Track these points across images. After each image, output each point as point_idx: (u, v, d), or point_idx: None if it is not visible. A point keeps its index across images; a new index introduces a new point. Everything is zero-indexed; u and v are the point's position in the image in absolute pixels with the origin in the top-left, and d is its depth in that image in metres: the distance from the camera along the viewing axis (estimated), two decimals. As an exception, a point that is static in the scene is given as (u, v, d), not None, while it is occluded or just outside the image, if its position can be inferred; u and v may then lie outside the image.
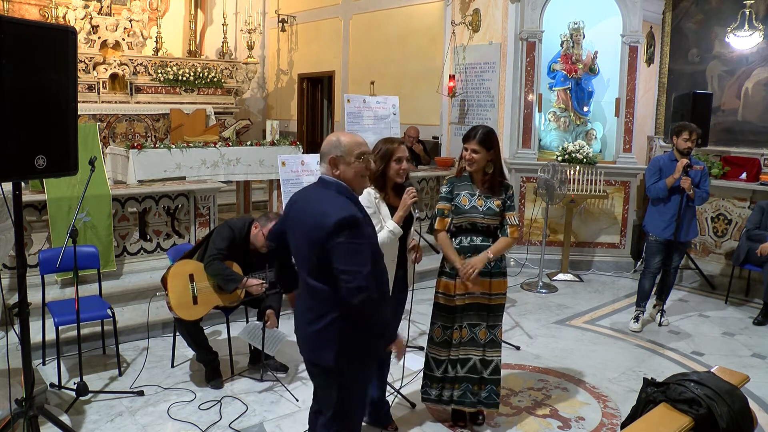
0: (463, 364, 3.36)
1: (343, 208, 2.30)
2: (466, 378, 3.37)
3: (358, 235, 2.27)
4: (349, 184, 2.43)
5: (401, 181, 3.19)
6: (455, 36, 7.80)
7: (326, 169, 2.43)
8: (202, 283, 3.88)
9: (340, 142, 2.41)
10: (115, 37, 9.99)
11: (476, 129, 3.27)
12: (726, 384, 2.39)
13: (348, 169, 2.40)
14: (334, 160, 2.40)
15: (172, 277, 3.83)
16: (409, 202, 3.10)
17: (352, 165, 2.40)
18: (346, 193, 2.40)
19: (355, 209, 2.34)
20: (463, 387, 3.38)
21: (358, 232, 2.28)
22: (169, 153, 6.53)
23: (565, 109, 7.31)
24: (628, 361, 4.58)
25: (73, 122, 2.73)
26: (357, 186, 2.47)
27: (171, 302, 3.80)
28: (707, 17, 7.40)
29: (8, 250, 3.52)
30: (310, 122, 11.51)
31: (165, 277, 3.87)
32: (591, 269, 7.08)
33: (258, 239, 3.96)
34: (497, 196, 3.29)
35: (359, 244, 2.27)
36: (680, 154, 4.95)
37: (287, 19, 11.50)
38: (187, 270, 3.89)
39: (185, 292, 3.84)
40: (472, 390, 3.38)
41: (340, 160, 2.40)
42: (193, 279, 3.87)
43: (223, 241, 3.90)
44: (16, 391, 3.12)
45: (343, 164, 2.40)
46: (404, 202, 3.12)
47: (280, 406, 3.71)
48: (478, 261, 3.23)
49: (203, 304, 3.88)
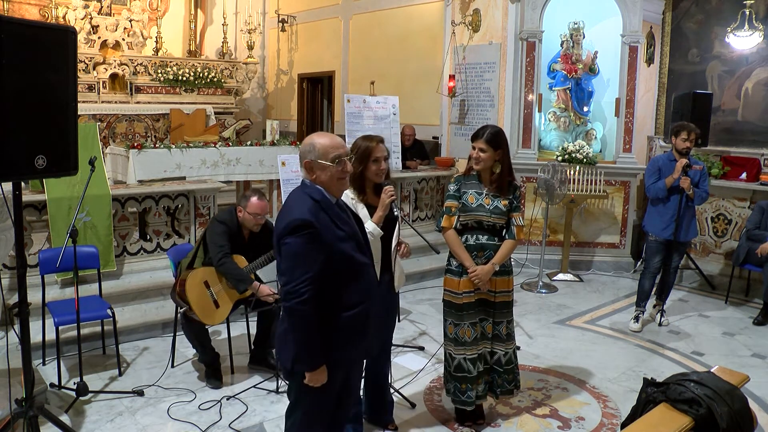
0: (482, 361, 3.40)
1: (302, 211, 2.24)
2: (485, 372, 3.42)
3: (309, 240, 2.22)
4: (326, 188, 2.36)
5: (380, 182, 3.13)
6: (455, 36, 7.80)
7: (304, 173, 2.38)
8: (216, 287, 3.94)
9: (314, 146, 2.34)
10: (115, 37, 9.99)
11: (485, 128, 3.29)
12: (726, 384, 2.39)
13: (323, 173, 2.34)
14: (309, 164, 2.34)
15: (190, 291, 3.85)
16: (388, 201, 3.06)
17: (327, 169, 2.33)
18: (318, 197, 2.32)
19: (314, 213, 2.26)
20: (483, 382, 3.42)
21: (309, 237, 2.22)
22: (169, 153, 6.53)
23: (565, 109, 7.31)
24: (628, 361, 4.58)
25: (73, 122, 2.73)
26: (334, 190, 2.39)
27: (197, 314, 3.84)
28: (707, 17, 7.40)
29: (8, 250, 3.52)
30: (310, 122, 11.50)
31: (182, 294, 3.88)
32: (591, 269, 7.08)
33: (247, 220, 3.99)
34: (505, 196, 3.31)
35: (306, 248, 2.22)
36: (679, 154, 4.95)
37: (287, 19, 11.50)
38: (199, 279, 3.91)
39: (206, 300, 3.89)
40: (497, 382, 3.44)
41: (315, 164, 2.34)
42: (209, 285, 3.91)
43: (221, 237, 3.92)
44: (16, 391, 3.12)
45: (318, 168, 2.34)
46: (382, 201, 3.07)
47: (280, 406, 3.71)
48: (485, 274, 3.26)
49: (224, 305, 3.96)
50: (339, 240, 2.32)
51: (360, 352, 2.51)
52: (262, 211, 3.97)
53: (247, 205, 3.94)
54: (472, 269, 3.27)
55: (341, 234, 2.33)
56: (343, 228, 2.35)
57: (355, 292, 2.37)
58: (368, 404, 3.47)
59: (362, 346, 2.47)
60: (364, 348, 2.50)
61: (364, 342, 2.46)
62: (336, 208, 2.39)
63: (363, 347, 2.48)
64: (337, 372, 2.40)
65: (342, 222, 2.37)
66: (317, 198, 2.32)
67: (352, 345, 2.41)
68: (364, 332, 2.43)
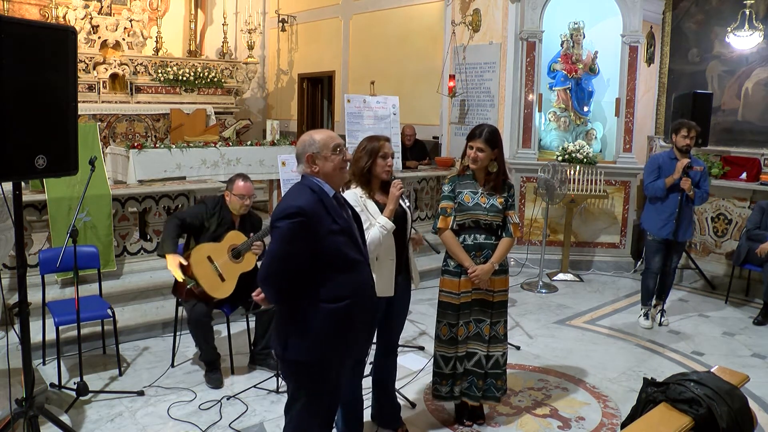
0: (469, 359, 3.40)
1: (299, 200, 2.32)
2: (472, 372, 3.40)
3: (300, 227, 2.28)
4: (329, 178, 2.44)
5: (387, 178, 3.12)
6: (455, 36, 7.80)
7: (303, 168, 2.45)
8: (220, 260, 4.00)
9: (314, 140, 2.44)
10: (115, 37, 9.99)
11: (482, 127, 3.28)
12: (726, 384, 2.39)
13: (326, 164, 2.42)
14: (311, 157, 2.42)
15: (196, 266, 3.91)
16: (398, 194, 3.03)
17: (329, 159, 2.42)
18: (316, 188, 2.39)
19: (311, 203, 2.32)
20: (469, 380, 3.42)
21: (300, 224, 2.28)
22: (169, 153, 6.54)
23: (565, 109, 7.31)
24: (628, 361, 4.58)
25: (73, 122, 2.73)
26: (336, 179, 2.48)
27: (205, 288, 3.90)
28: (707, 17, 7.40)
29: (8, 250, 3.52)
30: (310, 122, 11.50)
31: (187, 270, 3.91)
32: (591, 269, 7.08)
33: (234, 203, 4.09)
34: (500, 194, 3.32)
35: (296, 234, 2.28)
36: (680, 151, 4.93)
37: (287, 19, 11.50)
38: (203, 253, 3.97)
39: (212, 274, 3.96)
40: (477, 384, 3.41)
41: (317, 156, 2.42)
42: (212, 260, 3.98)
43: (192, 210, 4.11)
44: (16, 391, 3.12)
45: (321, 159, 2.42)
46: (392, 194, 3.04)
47: (280, 406, 3.70)
48: (485, 273, 3.26)
49: (230, 279, 4.02)
50: (331, 233, 2.36)
51: (347, 350, 2.49)
52: (248, 192, 4.09)
53: (233, 187, 4.07)
54: (472, 269, 3.27)
55: (335, 227, 2.37)
56: (337, 221, 2.39)
57: (343, 287, 2.38)
58: (377, 407, 3.46)
59: (347, 343, 2.46)
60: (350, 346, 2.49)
61: (348, 339, 2.45)
62: (333, 201, 2.43)
63: (348, 345, 2.47)
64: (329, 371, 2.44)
65: (338, 216, 2.41)
66: (315, 189, 2.39)
67: (337, 340, 2.40)
68: (349, 329, 2.42)
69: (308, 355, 2.39)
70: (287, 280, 2.32)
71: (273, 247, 2.33)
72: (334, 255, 2.38)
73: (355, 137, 6.26)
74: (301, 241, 2.30)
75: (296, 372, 2.45)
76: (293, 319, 2.39)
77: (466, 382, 3.42)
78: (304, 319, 2.37)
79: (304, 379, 2.44)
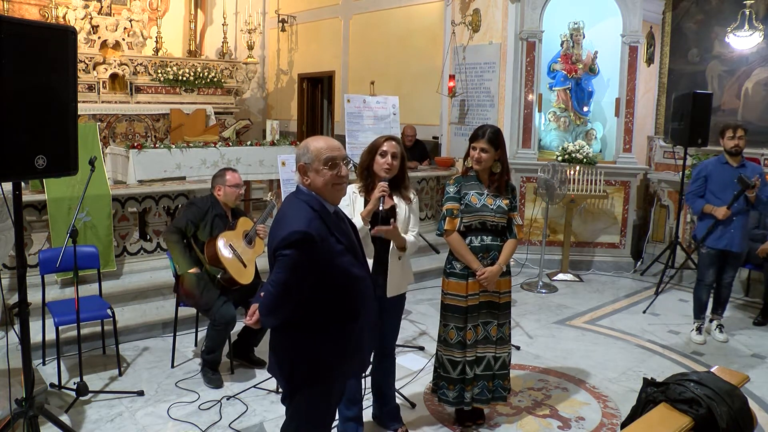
0: (479, 363, 3.37)
1: (301, 222, 2.14)
2: (483, 376, 3.39)
3: (308, 254, 2.13)
4: (320, 193, 2.24)
5: (386, 176, 3.08)
6: (455, 36, 7.80)
7: (298, 177, 2.28)
8: (239, 247, 4.06)
9: (308, 148, 2.23)
10: (115, 37, 9.98)
11: (484, 128, 3.28)
12: (726, 384, 2.39)
13: (317, 178, 2.22)
14: (303, 167, 2.24)
15: (222, 254, 3.95)
16: (377, 195, 2.98)
17: (320, 173, 2.21)
18: (317, 206, 2.22)
19: (314, 225, 2.16)
20: (480, 385, 3.39)
21: (308, 251, 2.13)
22: (169, 153, 6.53)
23: (565, 109, 7.31)
24: (628, 361, 4.58)
25: (73, 122, 2.72)
26: (328, 196, 2.27)
27: (232, 274, 3.94)
28: (707, 17, 7.40)
29: (8, 250, 3.52)
30: (310, 122, 11.50)
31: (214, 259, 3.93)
32: (591, 269, 7.08)
33: (228, 194, 4.13)
34: (504, 195, 3.31)
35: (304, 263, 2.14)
36: (729, 154, 4.80)
37: (287, 19, 11.49)
38: (226, 241, 4.01)
39: (235, 261, 4.01)
40: (488, 387, 3.40)
41: (309, 168, 2.23)
42: (233, 247, 4.02)
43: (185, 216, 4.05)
44: (16, 391, 3.12)
45: (312, 172, 2.23)
46: (373, 195, 3.03)
47: (280, 406, 3.69)
48: (493, 275, 3.25)
49: (249, 264, 4.09)
50: (337, 254, 2.23)
51: (354, 365, 2.45)
52: (241, 181, 4.18)
53: (225, 180, 4.12)
54: (480, 271, 3.24)
55: (339, 248, 2.24)
56: (341, 240, 2.26)
57: (350, 306, 2.29)
58: (378, 407, 3.47)
59: (356, 360, 2.42)
60: (358, 361, 2.45)
61: (359, 355, 2.41)
62: (334, 218, 2.29)
63: (357, 360, 2.43)
64: (335, 386, 2.38)
65: (341, 233, 2.27)
66: (316, 208, 2.22)
67: (347, 358, 2.35)
68: (358, 346, 2.37)
69: (316, 380, 2.29)
70: (293, 310, 2.20)
71: (279, 277, 2.15)
72: (341, 276, 2.26)
73: (355, 137, 6.26)
74: (308, 268, 2.16)
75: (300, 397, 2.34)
76: (299, 346, 2.27)
77: (477, 387, 3.39)
78: (312, 345, 2.26)
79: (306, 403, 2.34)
